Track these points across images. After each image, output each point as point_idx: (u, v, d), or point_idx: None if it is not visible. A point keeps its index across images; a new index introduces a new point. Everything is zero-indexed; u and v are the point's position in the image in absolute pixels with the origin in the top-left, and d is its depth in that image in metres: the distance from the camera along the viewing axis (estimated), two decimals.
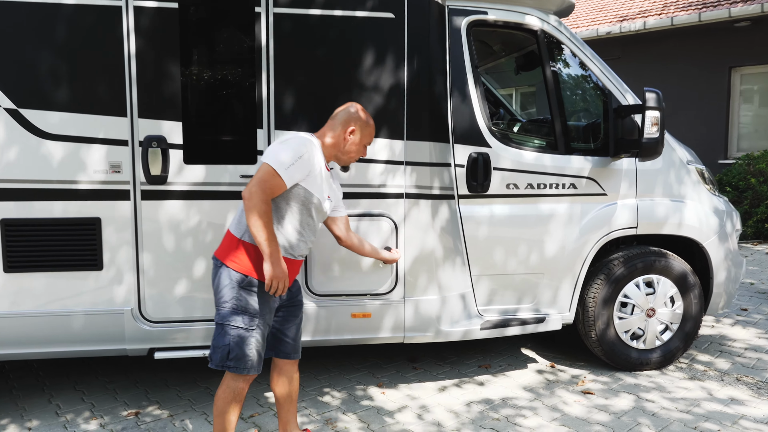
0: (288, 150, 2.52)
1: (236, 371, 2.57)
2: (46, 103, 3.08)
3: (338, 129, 2.75)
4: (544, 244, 3.74)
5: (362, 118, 2.78)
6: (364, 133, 2.79)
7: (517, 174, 3.67)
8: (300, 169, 2.52)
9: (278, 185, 2.49)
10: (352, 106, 2.80)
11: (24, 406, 3.62)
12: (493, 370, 4.10)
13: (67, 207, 3.15)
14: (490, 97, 5.45)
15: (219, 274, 2.61)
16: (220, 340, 2.58)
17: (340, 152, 2.77)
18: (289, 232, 2.63)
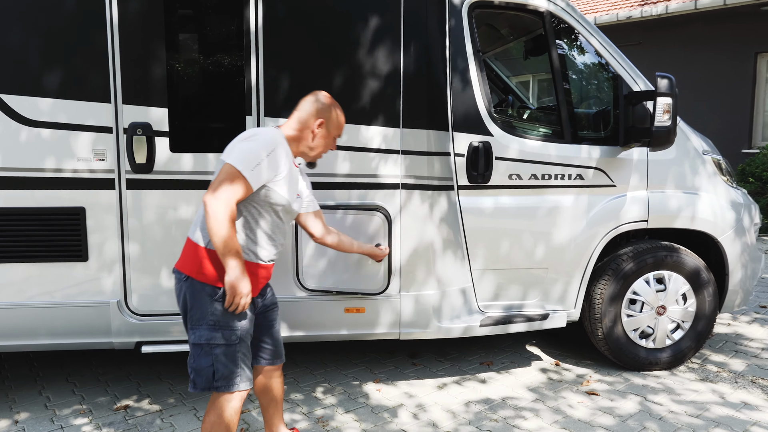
0: (253, 148, 2.26)
1: (227, 389, 2.32)
2: (28, 88, 2.97)
3: (305, 122, 2.50)
4: (549, 238, 3.57)
5: (331, 109, 2.54)
6: (333, 125, 2.56)
7: (520, 164, 3.49)
8: (267, 169, 2.27)
9: (244, 188, 2.22)
10: (319, 96, 2.54)
11: (14, 398, 3.57)
12: (496, 368, 3.96)
13: (50, 196, 3.05)
14: (499, 83, 5.26)
15: (186, 290, 2.33)
16: (201, 361, 2.31)
17: (307, 147, 2.52)
18: (259, 237, 2.39)
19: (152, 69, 3.04)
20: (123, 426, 3.21)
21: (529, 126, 3.81)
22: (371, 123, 3.23)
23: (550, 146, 3.54)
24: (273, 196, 2.34)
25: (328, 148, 2.60)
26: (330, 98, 2.57)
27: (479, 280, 3.55)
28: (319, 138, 2.52)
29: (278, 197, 2.35)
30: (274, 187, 2.32)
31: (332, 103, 2.56)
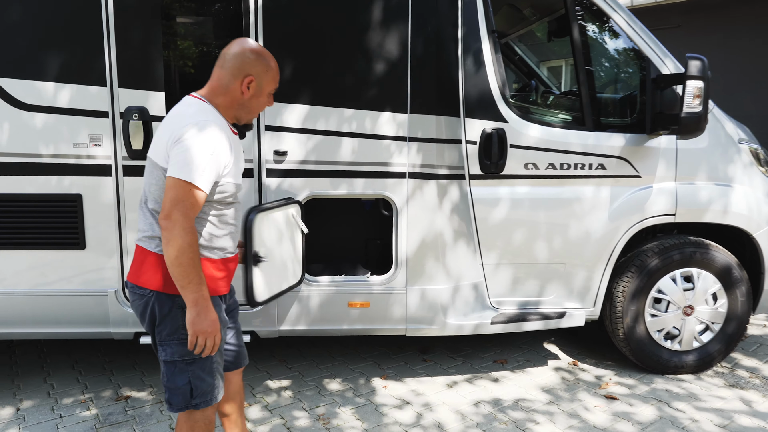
0: (194, 151, 1.89)
1: (206, 405, 2.09)
2: (23, 71, 2.90)
3: (231, 82, 2.04)
4: (567, 231, 3.35)
5: (259, 61, 2.06)
6: (265, 79, 2.08)
7: (537, 152, 3.27)
8: (215, 164, 1.93)
9: (199, 198, 1.91)
10: (242, 45, 2.06)
11: (19, 384, 3.55)
12: (510, 366, 3.77)
13: (47, 182, 2.98)
14: (523, 67, 5.02)
15: (149, 305, 2.03)
16: (176, 380, 2.04)
17: (241, 111, 2.11)
18: (221, 230, 2.09)
19: (149, 51, 2.92)
20: (122, 417, 3.15)
21: (547, 112, 3.58)
22: (377, 108, 3.06)
23: (570, 134, 3.31)
24: (226, 187, 2.03)
25: (264, 106, 2.17)
26: (252, 45, 2.08)
27: (492, 274, 3.36)
28: (252, 98, 2.09)
29: (231, 186, 2.05)
30: (225, 179, 2.01)
31: (259, 51, 2.08)
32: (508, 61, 5.03)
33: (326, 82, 3.04)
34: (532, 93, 4.67)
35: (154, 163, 2.01)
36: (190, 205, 1.90)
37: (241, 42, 2.08)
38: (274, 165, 3.07)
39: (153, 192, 2.00)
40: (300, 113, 3.02)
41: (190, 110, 2.01)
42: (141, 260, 2.04)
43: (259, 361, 3.82)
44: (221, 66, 2.07)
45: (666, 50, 3.37)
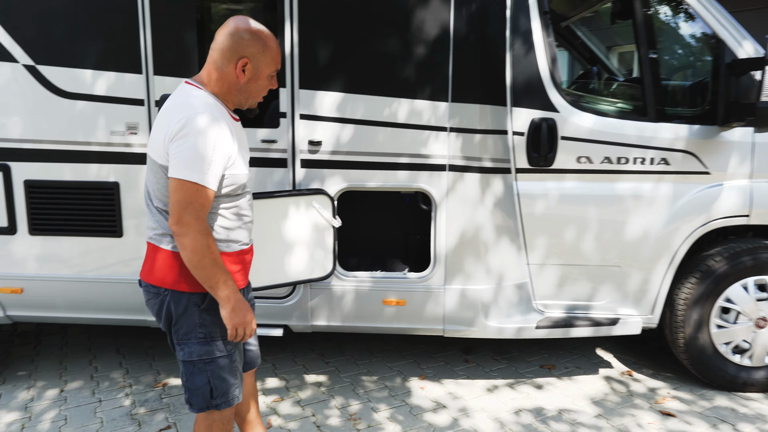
0: (195, 148, 1.77)
1: (227, 405, 2.02)
2: (63, 59, 2.92)
3: (225, 66, 1.88)
4: (623, 231, 3.07)
5: (254, 41, 1.88)
6: (262, 60, 1.90)
7: (591, 145, 3.01)
8: (220, 158, 1.81)
9: (207, 197, 1.81)
10: (236, 24, 1.88)
11: (66, 365, 3.65)
12: (557, 372, 3.54)
13: (86, 170, 3.01)
14: (585, 52, 4.69)
15: (164, 304, 1.95)
16: (195, 380, 1.98)
17: (240, 97, 1.96)
18: (232, 223, 1.99)
19: (184, 37, 2.87)
20: (157, 404, 3.16)
21: (604, 100, 3.29)
22: (415, 96, 2.89)
23: (629, 125, 3.02)
24: (234, 179, 1.91)
25: (267, 90, 1.99)
26: (248, 25, 1.89)
27: (538, 275, 3.14)
28: (249, 82, 1.92)
29: (239, 177, 1.92)
30: (232, 171, 1.88)
31: (255, 30, 1.89)
32: (568, 46, 4.72)
33: (363, 68, 2.89)
34: (598, 80, 4.34)
35: (152, 160, 1.89)
36: (200, 206, 1.80)
37: (236, 20, 1.90)
38: (309, 155, 2.96)
39: (156, 190, 1.91)
40: (335, 101, 2.90)
41: (184, 100, 1.86)
42: (153, 258, 1.95)
43: (297, 354, 3.76)
44: (215, 48, 1.90)
45: (744, 31, 3.01)
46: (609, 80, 4.40)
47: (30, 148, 2.99)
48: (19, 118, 2.95)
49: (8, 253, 3.09)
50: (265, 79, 1.95)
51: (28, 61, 2.91)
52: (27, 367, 3.61)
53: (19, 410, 3.10)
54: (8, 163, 3.00)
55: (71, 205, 3.03)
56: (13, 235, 3.07)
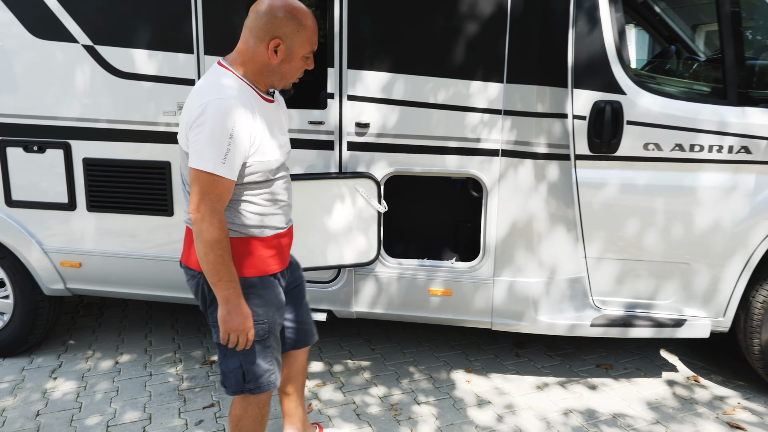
0: (211, 137, 1.71)
1: (259, 391, 2.01)
2: (119, 39, 2.95)
3: (257, 46, 1.80)
4: (695, 225, 2.82)
5: (288, 20, 1.78)
6: (297, 40, 1.81)
7: (661, 130, 2.76)
8: (238, 147, 1.74)
9: (225, 187, 1.76)
10: (268, 2, 1.79)
11: (124, 338, 3.78)
12: (615, 373, 3.32)
13: (140, 149, 3.06)
14: (663, 30, 4.34)
15: (200, 287, 1.94)
16: (228, 363, 1.98)
17: (274, 77, 1.87)
18: (264, 209, 1.93)
19: (232, 16, 2.84)
20: (203, 382, 3.21)
21: (678, 82, 3.01)
22: (468, 77, 2.74)
23: (705, 109, 2.75)
24: (258, 166, 1.84)
25: (302, 70, 1.90)
26: (283, 1, 1.79)
27: (596, 269, 2.94)
28: (282, 63, 1.83)
29: (267, 164, 1.86)
30: (256, 158, 1.81)
31: (290, 8, 1.79)
32: (644, 23, 4.38)
33: (412, 47, 2.77)
34: (677, 60, 4.01)
35: (179, 145, 1.87)
36: (217, 198, 1.75)
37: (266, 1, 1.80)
38: (356, 138, 2.88)
39: (185, 176, 1.89)
40: (383, 82, 2.79)
41: (209, 84, 1.80)
42: (189, 241, 1.94)
43: (344, 339, 3.73)
44: (247, 26, 1.81)
45: None
46: (688, 60, 4.05)
47: (88, 127, 3.06)
48: (78, 98, 3.03)
49: (68, 229, 3.21)
50: (300, 60, 1.86)
51: (87, 42, 2.98)
52: (88, 338, 3.77)
53: (77, 379, 3.23)
54: (69, 141, 3.09)
55: (126, 183, 3.10)
56: (72, 211, 3.17)
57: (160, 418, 2.87)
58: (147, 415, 2.88)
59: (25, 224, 3.24)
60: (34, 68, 3.04)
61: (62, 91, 3.04)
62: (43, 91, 3.05)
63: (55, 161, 3.12)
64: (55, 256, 3.25)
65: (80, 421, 2.84)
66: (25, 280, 3.34)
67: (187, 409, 2.94)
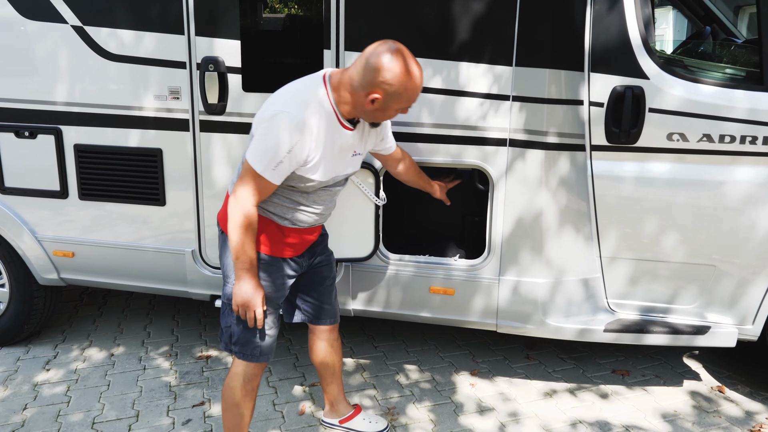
0: (271, 145, 1.86)
1: (242, 358, 2.16)
2: (109, 19, 2.81)
3: (359, 89, 1.90)
4: (723, 225, 2.56)
5: (394, 80, 1.85)
6: (395, 100, 1.90)
7: (686, 119, 2.50)
8: (292, 163, 1.90)
9: (267, 188, 1.94)
10: (384, 58, 1.84)
11: (123, 329, 3.70)
12: (631, 380, 3.10)
13: (131, 135, 2.92)
14: (699, 10, 4.03)
15: (222, 244, 2.18)
16: (224, 319, 2.17)
17: (362, 115, 2.00)
18: (297, 206, 2.09)
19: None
20: (197, 378, 3.10)
21: (709, 65, 2.74)
22: (473, 59, 2.52)
23: (738, 95, 2.48)
24: (304, 180, 1.99)
25: (392, 117, 2.04)
26: (397, 60, 1.85)
27: (611, 270, 2.71)
28: (376, 111, 1.95)
29: (309, 180, 1.99)
30: (304, 174, 1.96)
31: (400, 69, 1.85)
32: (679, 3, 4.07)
33: (413, 27, 2.56)
34: (712, 41, 3.70)
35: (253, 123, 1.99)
36: (258, 191, 1.92)
37: (387, 47, 1.87)
38: None
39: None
40: None
41: (298, 93, 1.95)
42: (227, 201, 2.12)
43: (347, 336, 3.57)
44: (359, 62, 1.91)
45: None
46: (723, 42, 3.74)
47: (79, 112, 2.94)
48: (68, 81, 2.91)
49: (61, 217, 3.11)
50: (394, 111, 1.98)
51: (76, 22, 2.85)
52: (88, 328, 3.70)
53: (70, 372, 3.16)
54: (60, 127, 2.98)
55: (118, 171, 2.98)
56: (65, 199, 3.07)
57: (148, 416, 2.76)
58: (135, 413, 2.78)
59: (18, 212, 3.15)
60: (24, 50, 2.92)
61: (52, 74, 2.92)
62: (33, 73, 2.94)
63: (47, 147, 3.02)
64: (48, 245, 3.16)
65: (66, 416, 2.75)
66: (20, 269, 3.27)
67: (177, 407, 2.84)
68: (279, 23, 2.77)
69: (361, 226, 2.74)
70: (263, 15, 2.75)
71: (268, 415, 2.76)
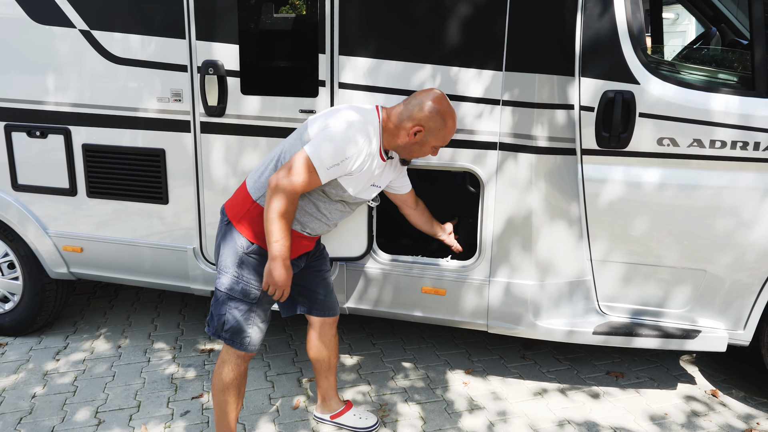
0: (336, 146, 2.08)
1: (232, 345, 2.27)
2: (114, 24, 2.91)
3: (404, 123, 2.20)
4: (714, 230, 2.57)
5: (436, 118, 2.18)
6: (435, 136, 2.22)
7: (677, 124, 2.51)
8: (342, 170, 2.11)
9: (314, 183, 2.11)
10: (431, 99, 2.18)
11: (132, 321, 3.83)
12: (624, 382, 3.11)
13: (135, 136, 3.03)
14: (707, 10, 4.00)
15: (225, 234, 2.27)
16: (217, 307, 2.27)
17: (400, 147, 2.26)
18: (312, 213, 2.28)
19: (221, 2, 2.74)
20: (198, 371, 3.21)
21: (700, 70, 2.74)
22: (463, 64, 2.56)
23: (730, 100, 2.48)
24: (337, 190, 2.20)
25: (424, 155, 2.31)
26: (442, 103, 2.19)
27: (601, 273, 2.73)
28: (414, 145, 2.24)
29: (341, 191, 2.21)
30: (342, 182, 2.17)
31: (443, 110, 2.19)
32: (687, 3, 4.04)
33: (406, 32, 2.60)
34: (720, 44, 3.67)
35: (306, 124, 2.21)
36: (304, 185, 2.07)
37: (433, 93, 2.21)
38: None
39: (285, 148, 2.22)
40: (376, 69, 2.65)
41: (365, 112, 2.21)
42: (238, 192, 2.29)
43: (346, 333, 3.65)
44: (406, 102, 2.24)
45: None
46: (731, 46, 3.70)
47: (86, 113, 3.05)
48: (77, 83, 3.02)
49: (70, 214, 3.23)
50: (429, 148, 2.26)
51: (84, 26, 2.95)
52: (98, 320, 3.84)
53: (78, 362, 3.29)
54: (69, 127, 3.10)
55: (123, 170, 3.08)
56: (74, 196, 3.19)
57: (149, 406, 2.87)
58: (136, 403, 2.89)
59: (30, 208, 3.29)
60: (35, 53, 3.04)
61: (61, 76, 3.03)
62: (44, 76, 3.06)
63: (57, 147, 3.14)
64: (58, 240, 3.29)
65: (72, 405, 2.87)
66: (32, 263, 3.40)
67: (177, 398, 2.94)
68: (276, 28, 2.84)
69: (355, 227, 2.80)
70: (265, 18, 2.82)
71: (263, 408, 2.85)
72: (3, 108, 3.15)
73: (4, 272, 3.47)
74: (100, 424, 2.72)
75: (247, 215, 2.22)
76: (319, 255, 2.54)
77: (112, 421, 2.74)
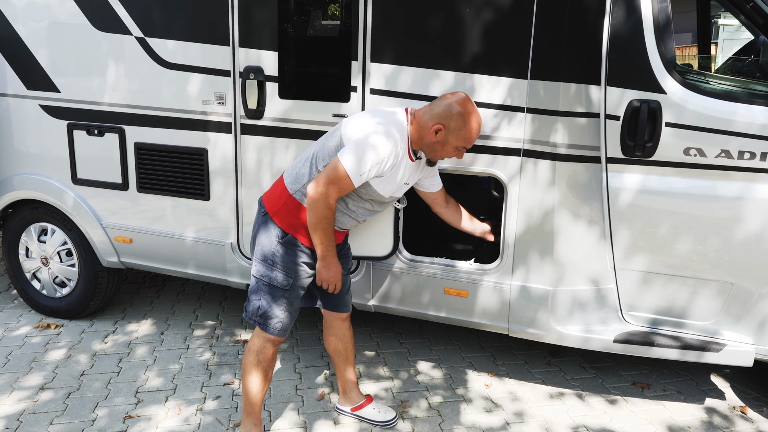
0: (370, 152, 2.22)
1: (263, 329, 2.44)
2: (166, 31, 3.13)
3: (428, 122, 2.32)
4: (741, 242, 2.53)
5: (457, 117, 2.29)
6: (455, 134, 2.31)
7: (705, 134, 2.50)
8: (374, 173, 2.27)
9: (347, 187, 2.27)
10: (455, 100, 2.31)
11: (175, 311, 4.06)
12: (650, 394, 3.09)
13: (181, 135, 3.23)
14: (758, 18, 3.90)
15: (261, 224, 2.45)
16: (256, 294, 2.44)
17: (425, 147, 2.37)
18: (342, 209, 2.42)
19: (264, 8, 2.91)
20: (232, 359, 3.38)
21: (731, 80, 2.70)
22: (489, 71, 2.63)
23: (759, 111, 2.45)
24: (367, 190, 2.35)
25: (448, 156, 2.41)
26: (465, 103, 2.31)
27: (625, 281, 2.73)
28: (435, 144, 2.34)
29: (372, 192, 2.36)
30: (373, 183, 2.32)
31: (465, 110, 2.30)
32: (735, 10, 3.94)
33: (435, 41, 2.70)
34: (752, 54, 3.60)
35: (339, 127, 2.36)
36: (337, 190, 2.24)
37: (457, 95, 2.34)
38: None
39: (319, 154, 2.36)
40: (405, 76, 2.75)
41: (393, 116, 2.35)
42: (275, 186, 2.46)
43: (375, 330, 3.75)
44: (433, 103, 2.37)
45: None
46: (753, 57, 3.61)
47: (139, 114, 3.29)
48: (131, 86, 3.26)
49: (122, 207, 3.48)
50: (452, 148, 2.35)
51: (139, 34, 3.19)
52: (145, 308, 4.09)
53: (124, 345, 3.53)
54: (123, 127, 3.34)
55: (169, 167, 3.30)
56: (125, 191, 3.44)
57: (184, 389, 3.06)
58: (173, 386, 3.09)
59: (87, 201, 3.55)
60: (96, 57, 3.30)
61: (118, 79, 3.28)
62: (102, 78, 3.31)
63: (112, 145, 3.39)
64: (110, 231, 3.54)
65: (115, 384, 3.10)
66: (87, 251, 3.67)
67: (210, 384, 3.12)
68: (312, 36, 2.98)
69: (381, 227, 2.90)
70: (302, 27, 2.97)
71: (289, 397, 2.99)
72: (66, 108, 3.43)
73: (62, 259, 3.75)
74: (139, 403, 2.93)
75: (283, 207, 2.38)
76: (345, 254, 2.65)
77: (149, 401, 2.94)
